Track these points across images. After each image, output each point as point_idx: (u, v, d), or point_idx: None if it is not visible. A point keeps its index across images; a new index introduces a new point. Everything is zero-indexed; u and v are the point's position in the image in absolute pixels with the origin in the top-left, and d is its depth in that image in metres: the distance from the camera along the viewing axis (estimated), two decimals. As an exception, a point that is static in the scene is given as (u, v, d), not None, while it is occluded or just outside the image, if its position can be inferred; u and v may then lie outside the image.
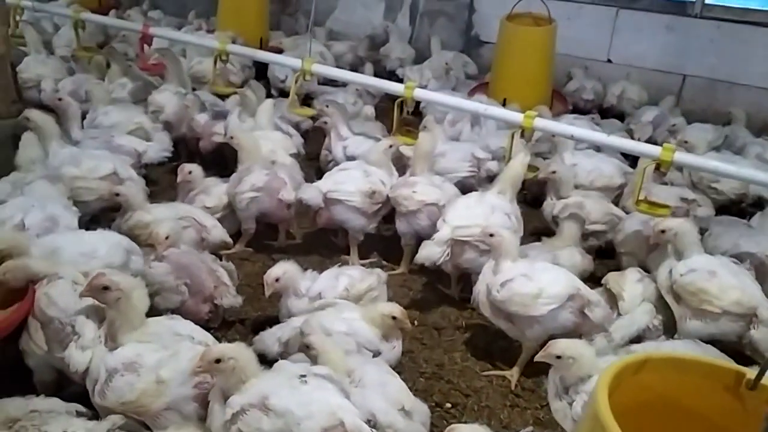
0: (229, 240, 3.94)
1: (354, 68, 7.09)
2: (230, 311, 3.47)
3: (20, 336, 2.70)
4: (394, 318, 2.92)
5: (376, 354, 2.88)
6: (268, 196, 4.09)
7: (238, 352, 2.38)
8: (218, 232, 3.85)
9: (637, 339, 3.31)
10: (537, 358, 2.69)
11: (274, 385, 2.35)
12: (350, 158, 4.66)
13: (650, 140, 5.36)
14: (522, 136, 4.44)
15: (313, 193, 4.02)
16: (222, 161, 5.00)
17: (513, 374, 3.26)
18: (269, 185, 4.09)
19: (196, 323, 2.81)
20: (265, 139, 4.60)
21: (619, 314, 3.36)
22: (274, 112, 5.21)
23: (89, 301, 2.66)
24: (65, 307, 2.66)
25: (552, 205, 4.27)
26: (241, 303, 3.43)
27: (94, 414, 2.48)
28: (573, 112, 6.57)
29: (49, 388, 2.72)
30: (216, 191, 4.18)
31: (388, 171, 4.30)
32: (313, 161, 5.27)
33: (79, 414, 2.44)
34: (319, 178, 4.30)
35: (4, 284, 2.73)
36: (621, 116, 6.70)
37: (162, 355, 2.51)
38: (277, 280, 3.23)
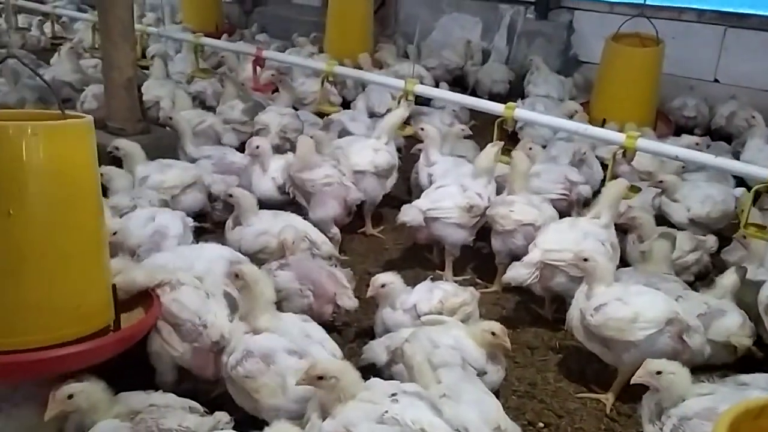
0: (336, 253, 4.10)
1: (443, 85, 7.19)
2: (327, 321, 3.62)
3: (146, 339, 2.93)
4: (493, 334, 2.96)
5: (481, 374, 2.92)
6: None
7: (341, 371, 2.43)
8: (327, 248, 4.00)
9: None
10: (635, 379, 2.66)
11: (360, 417, 2.37)
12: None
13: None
14: (624, 156, 4.38)
15: (413, 214, 4.11)
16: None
17: (608, 398, 3.22)
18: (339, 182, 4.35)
19: (321, 324, 3.02)
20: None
21: None
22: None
23: (217, 301, 2.95)
24: (197, 309, 2.89)
25: (635, 249, 4.20)
26: (358, 305, 3.53)
27: (205, 411, 2.64)
28: (676, 130, 6.41)
29: (167, 388, 2.90)
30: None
31: (489, 180, 4.34)
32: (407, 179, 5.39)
33: (191, 410, 2.61)
34: (409, 195, 4.40)
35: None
36: (729, 138, 6.44)
37: (293, 362, 2.67)
38: (383, 286, 3.35)
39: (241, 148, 5.13)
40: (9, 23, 2.69)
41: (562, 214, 4.20)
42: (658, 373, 2.59)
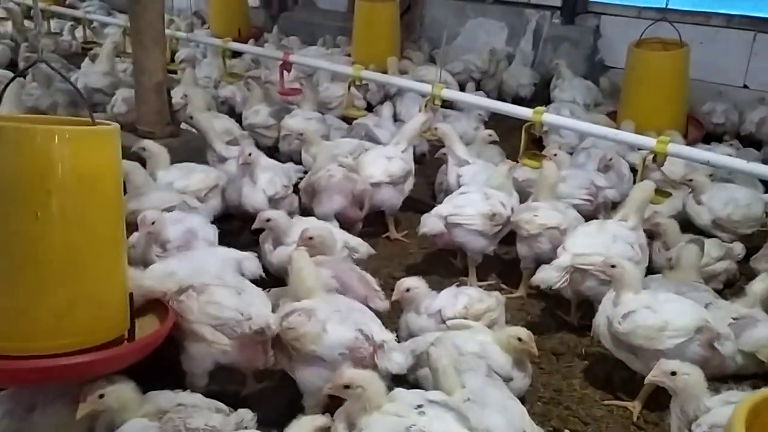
0: (373, 251, 4.12)
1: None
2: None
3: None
4: (519, 339, 2.95)
5: (507, 380, 2.91)
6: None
7: (367, 381, 2.44)
8: (364, 249, 4.04)
9: None
10: (649, 378, 2.66)
11: (386, 430, 2.38)
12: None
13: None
14: (654, 161, 4.35)
15: (432, 223, 4.11)
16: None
17: (635, 405, 3.18)
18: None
19: None
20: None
21: None
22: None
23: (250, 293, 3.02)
24: (235, 305, 2.92)
25: (661, 257, 4.17)
26: (389, 307, 3.49)
27: (230, 410, 2.67)
28: (705, 137, 6.33)
29: (197, 391, 2.91)
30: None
31: (509, 193, 4.34)
32: (431, 184, 5.40)
33: (217, 410, 2.64)
34: (433, 200, 4.39)
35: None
36: (758, 144, 6.35)
37: (334, 315, 2.81)
38: (407, 290, 3.36)
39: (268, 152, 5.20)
40: (38, 27, 2.74)
41: (587, 219, 4.17)
42: (673, 373, 2.58)
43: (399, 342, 3.30)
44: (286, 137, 5.63)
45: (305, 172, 4.83)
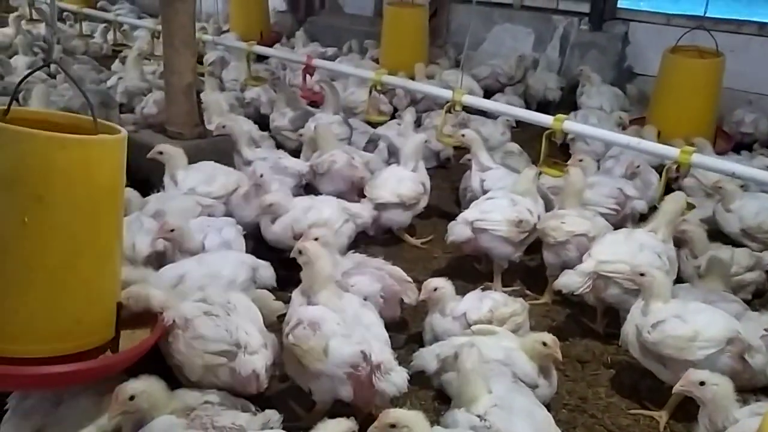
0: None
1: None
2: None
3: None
4: (544, 344, 2.94)
5: (533, 388, 2.89)
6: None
7: (414, 421, 2.41)
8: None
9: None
10: (677, 389, 2.64)
11: None
12: (486, 192, 4.62)
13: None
14: (677, 171, 4.29)
15: (460, 230, 4.11)
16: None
17: (662, 415, 3.14)
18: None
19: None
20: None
21: None
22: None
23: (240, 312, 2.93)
24: (221, 337, 2.78)
25: (689, 265, 4.11)
26: (419, 295, 3.48)
27: (256, 409, 2.70)
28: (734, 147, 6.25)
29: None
30: None
31: (534, 200, 4.32)
32: (456, 190, 5.38)
33: (243, 409, 2.67)
34: (457, 205, 4.36)
35: (126, 308, 2.85)
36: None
37: (338, 329, 2.75)
38: (435, 289, 3.36)
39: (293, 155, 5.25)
40: (53, 29, 2.77)
41: (615, 228, 4.12)
42: (702, 384, 2.55)
43: (423, 345, 3.32)
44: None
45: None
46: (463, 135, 4.97)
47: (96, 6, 10.69)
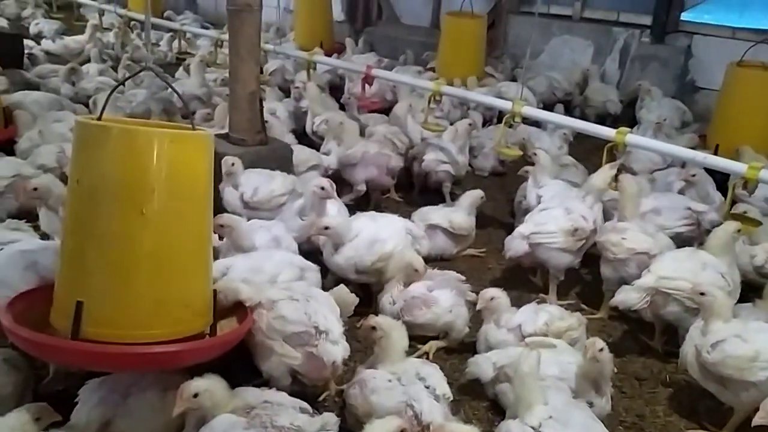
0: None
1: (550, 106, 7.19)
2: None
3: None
4: (601, 350, 2.90)
5: (588, 404, 2.87)
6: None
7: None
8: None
9: None
10: (756, 421, 2.54)
11: None
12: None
13: None
14: (745, 188, 4.19)
15: (517, 245, 4.11)
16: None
17: (722, 437, 3.08)
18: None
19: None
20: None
21: None
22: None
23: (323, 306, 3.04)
24: (300, 319, 2.94)
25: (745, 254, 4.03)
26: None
27: (314, 411, 2.74)
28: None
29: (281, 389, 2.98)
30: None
31: (597, 200, 4.28)
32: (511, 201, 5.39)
33: (302, 410, 2.70)
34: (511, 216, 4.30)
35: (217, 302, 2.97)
36: None
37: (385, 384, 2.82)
38: (492, 299, 3.38)
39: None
40: (147, 38, 2.90)
41: (689, 245, 4.06)
42: None
43: (477, 353, 3.33)
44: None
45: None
46: (535, 154, 4.97)
47: (162, 16, 11.07)
